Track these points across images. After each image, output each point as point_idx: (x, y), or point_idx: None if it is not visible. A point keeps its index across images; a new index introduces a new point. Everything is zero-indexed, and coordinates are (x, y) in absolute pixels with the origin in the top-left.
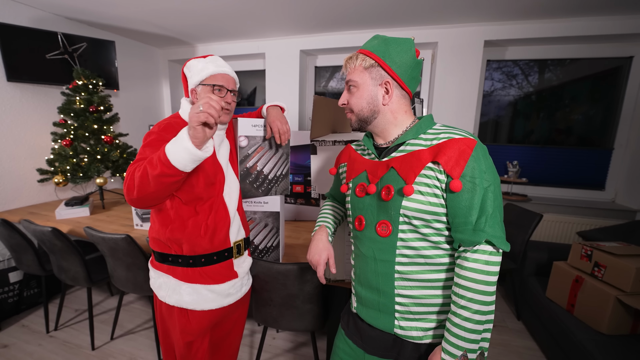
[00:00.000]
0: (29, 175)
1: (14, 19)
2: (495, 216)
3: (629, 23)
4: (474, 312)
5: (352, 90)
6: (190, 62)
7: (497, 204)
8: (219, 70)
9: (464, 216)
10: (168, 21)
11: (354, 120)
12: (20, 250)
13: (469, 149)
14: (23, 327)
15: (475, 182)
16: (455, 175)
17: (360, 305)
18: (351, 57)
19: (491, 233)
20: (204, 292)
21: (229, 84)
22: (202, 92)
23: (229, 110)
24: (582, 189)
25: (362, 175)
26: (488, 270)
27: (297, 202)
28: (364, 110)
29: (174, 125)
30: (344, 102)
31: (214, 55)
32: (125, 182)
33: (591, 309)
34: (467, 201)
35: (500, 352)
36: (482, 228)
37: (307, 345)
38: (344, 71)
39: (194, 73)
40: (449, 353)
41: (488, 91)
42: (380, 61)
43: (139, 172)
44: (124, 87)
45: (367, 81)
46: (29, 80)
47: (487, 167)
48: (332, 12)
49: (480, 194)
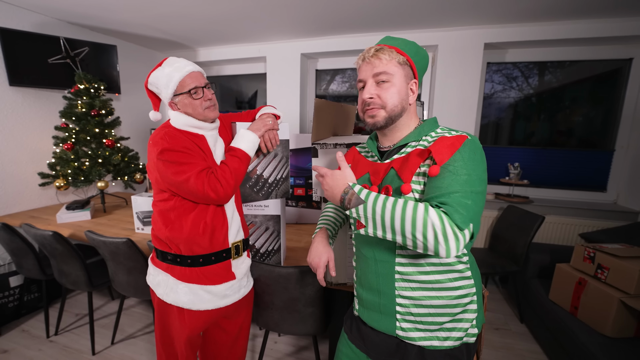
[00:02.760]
0: (30, 179)
1: (17, 23)
2: (464, 196)
3: (628, 25)
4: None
5: (384, 84)
6: (151, 78)
7: (469, 191)
8: (184, 74)
9: (428, 193)
10: (169, 25)
11: (383, 117)
12: (21, 254)
13: (459, 142)
14: (23, 332)
15: (449, 169)
16: (438, 163)
17: (362, 307)
18: (382, 49)
19: (451, 203)
20: (200, 292)
21: (199, 80)
22: (182, 102)
23: (214, 105)
24: (583, 191)
25: (365, 177)
26: (413, 215)
27: (298, 205)
28: (397, 107)
29: (178, 134)
30: (371, 96)
31: (167, 58)
32: (216, 184)
33: (595, 311)
34: (437, 181)
35: (503, 355)
36: (443, 200)
37: (308, 349)
38: (369, 61)
39: (161, 88)
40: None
41: (488, 93)
42: (411, 61)
43: (226, 171)
44: (125, 91)
45: (401, 77)
46: (31, 85)
47: (469, 158)
48: (332, 15)
49: (449, 178)
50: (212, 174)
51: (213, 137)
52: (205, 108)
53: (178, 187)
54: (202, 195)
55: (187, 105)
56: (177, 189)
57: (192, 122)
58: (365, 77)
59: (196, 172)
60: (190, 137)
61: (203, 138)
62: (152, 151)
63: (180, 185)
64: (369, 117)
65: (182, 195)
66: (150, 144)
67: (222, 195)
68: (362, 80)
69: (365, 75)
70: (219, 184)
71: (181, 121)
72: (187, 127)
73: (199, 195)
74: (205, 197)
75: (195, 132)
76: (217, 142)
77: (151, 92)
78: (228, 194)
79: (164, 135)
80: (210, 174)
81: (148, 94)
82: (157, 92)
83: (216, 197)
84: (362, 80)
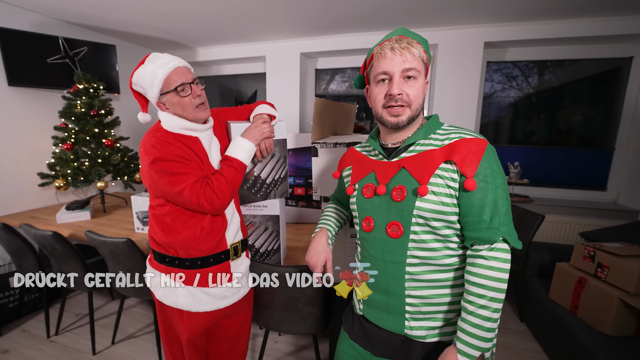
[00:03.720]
0: (29, 180)
1: (16, 23)
2: (508, 214)
3: (628, 24)
4: (493, 310)
5: (410, 81)
6: (134, 78)
7: (508, 203)
8: (168, 70)
9: (477, 215)
10: (169, 25)
11: (407, 117)
12: (21, 254)
13: (481, 149)
14: (24, 332)
15: (488, 181)
16: (469, 174)
17: (367, 307)
18: (412, 43)
19: (506, 231)
20: (199, 294)
21: (186, 76)
22: (170, 101)
23: (204, 104)
24: (583, 190)
25: (370, 176)
26: (505, 268)
27: (298, 204)
28: (420, 105)
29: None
30: (401, 92)
31: (150, 54)
32: (211, 195)
33: (595, 310)
34: (480, 200)
35: (503, 354)
36: (497, 226)
37: (309, 348)
38: (400, 53)
39: (146, 88)
40: (467, 354)
41: (488, 93)
42: (428, 61)
43: (222, 182)
44: (124, 91)
45: (423, 76)
46: (30, 85)
47: (497, 167)
48: (332, 14)
49: (493, 192)
50: (207, 185)
51: (207, 137)
52: (196, 107)
53: (172, 198)
54: (197, 206)
55: (176, 104)
56: (171, 199)
57: (184, 124)
58: (392, 70)
59: (191, 183)
60: (184, 141)
61: (197, 140)
62: (144, 159)
63: (174, 196)
64: (393, 116)
65: (177, 204)
66: (141, 152)
67: (218, 206)
68: (387, 73)
69: (394, 68)
70: (214, 195)
71: (173, 123)
72: (179, 129)
73: (194, 207)
74: (200, 208)
75: (188, 135)
76: (212, 143)
77: (137, 92)
78: (224, 205)
79: (155, 142)
80: (205, 184)
81: (134, 94)
82: (143, 92)
83: (211, 208)
84: (388, 73)
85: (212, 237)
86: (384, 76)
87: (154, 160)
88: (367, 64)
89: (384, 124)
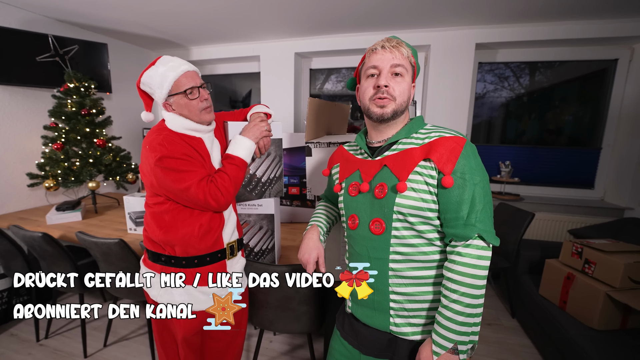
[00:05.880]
0: (18, 180)
1: (3, 20)
2: (485, 211)
3: (614, 27)
4: (466, 305)
5: (397, 78)
6: (144, 78)
7: (486, 200)
8: (179, 73)
9: (454, 211)
10: (161, 23)
11: (392, 110)
12: (9, 256)
13: (459, 146)
14: (12, 336)
15: (465, 178)
16: (447, 172)
17: (355, 304)
18: (401, 44)
19: (482, 228)
20: (195, 293)
21: (195, 80)
22: (177, 102)
23: (210, 107)
24: (572, 188)
25: (355, 174)
26: (479, 264)
27: (292, 204)
28: (405, 102)
29: (176, 139)
30: (387, 84)
31: (161, 57)
32: (216, 192)
33: (582, 305)
34: (457, 197)
35: (495, 349)
36: (473, 223)
37: (303, 347)
38: (390, 50)
39: (155, 88)
40: (440, 345)
41: (480, 93)
42: (415, 65)
43: (225, 180)
44: (116, 90)
45: (410, 74)
46: (19, 83)
47: (476, 164)
48: (326, 15)
49: (470, 189)
50: (212, 183)
51: (210, 139)
52: (202, 110)
53: (177, 195)
54: (203, 203)
55: (183, 106)
56: (175, 197)
57: (189, 124)
58: (382, 65)
59: (197, 180)
60: (188, 141)
61: (201, 141)
62: (149, 156)
63: (179, 193)
64: (378, 107)
65: (180, 202)
66: (146, 149)
67: (223, 203)
68: (377, 67)
69: (383, 64)
70: (219, 193)
71: (178, 124)
72: (184, 130)
73: (200, 204)
74: (206, 205)
75: (192, 135)
76: (213, 144)
77: (143, 92)
78: (228, 202)
79: (162, 140)
80: (210, 182)
81: (140, 94)
82: (150, 92)
83: (216, 205)
84: (378, 68)
85: (209, 236)
86: (373, 70)
87: (160, 157)
88: (360, 65)
89: (370, 116)
